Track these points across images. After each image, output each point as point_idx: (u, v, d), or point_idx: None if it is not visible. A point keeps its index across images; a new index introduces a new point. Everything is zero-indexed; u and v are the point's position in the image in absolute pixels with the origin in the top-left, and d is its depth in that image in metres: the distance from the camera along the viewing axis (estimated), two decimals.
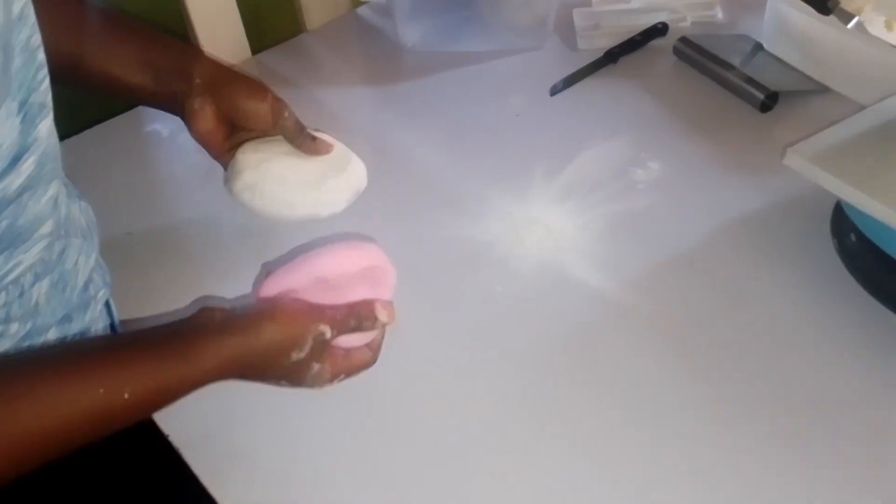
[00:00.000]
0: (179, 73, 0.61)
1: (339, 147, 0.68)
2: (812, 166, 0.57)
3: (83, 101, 0.60)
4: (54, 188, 0.53)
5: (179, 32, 0.90)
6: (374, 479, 0.52)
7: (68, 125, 0.54)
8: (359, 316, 0.49)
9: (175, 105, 0.62)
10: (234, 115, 0.62)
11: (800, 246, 0.64)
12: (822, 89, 0.79)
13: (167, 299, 0.64)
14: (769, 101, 0.77)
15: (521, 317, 0.60)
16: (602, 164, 0.73)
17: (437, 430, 0.54)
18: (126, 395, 0.44)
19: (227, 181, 0.66)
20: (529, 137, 0.79)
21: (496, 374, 0.57)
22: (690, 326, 0.59)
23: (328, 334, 0.48)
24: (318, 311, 0.49)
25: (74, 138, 0.82)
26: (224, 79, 0.62)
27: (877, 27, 0.81)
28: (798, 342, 0.57)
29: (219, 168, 0.72)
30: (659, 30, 0.90)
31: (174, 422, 0.55)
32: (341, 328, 0.49)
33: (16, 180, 0.47)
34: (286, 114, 0.61)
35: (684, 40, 0.87)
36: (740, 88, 0.79)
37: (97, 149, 0.82)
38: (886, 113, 0.62)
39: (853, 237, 0.61)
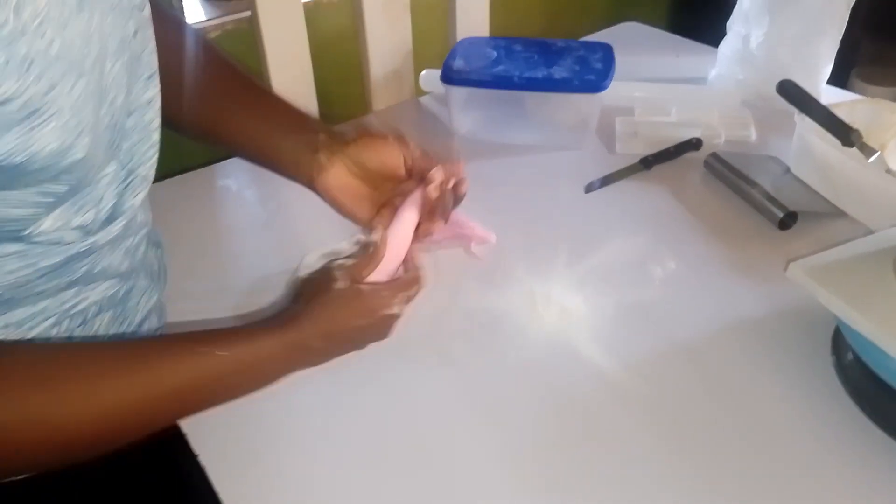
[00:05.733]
0: (306, 139, 0.62)
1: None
2: (810, 280, 0.62)
3: (171, 153, 0.67)
4: (136, 239, 0.59)
5: None
6: None
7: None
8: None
9: (301, 170, 0.63)
10: (364, 167, 0.61)
11: (800, 357, 0.67)
12: (839, 213, 0.84)
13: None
14: (788, 220, 0.83)
15: (528, 386, 0.65)
16: (623, 257, 0.79)
17: (439, 488, 0.57)
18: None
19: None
20: (560, 226, 0.85)
21: (497, 436, 0.61)
22: (685, 416, 0.62)
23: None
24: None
25: (157, 185, 0.92)
26: (347, 136, 0.62)
27: None
28: (787, 448, 0.60)
29: (275, 219, 0.78)
30: (693, 144, 0.97)
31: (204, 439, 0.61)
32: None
33: (104, 238, 0.52)
34: (415, 151, 0.62)
35: (715, 156, 0.93)
36: (762, 205, 0.85)
37: (175, 196, 0.92)
38: (890, 240, 0.66)
39: (850, 356, 0.64)
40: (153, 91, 0.55)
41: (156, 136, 0.56)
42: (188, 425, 0.61)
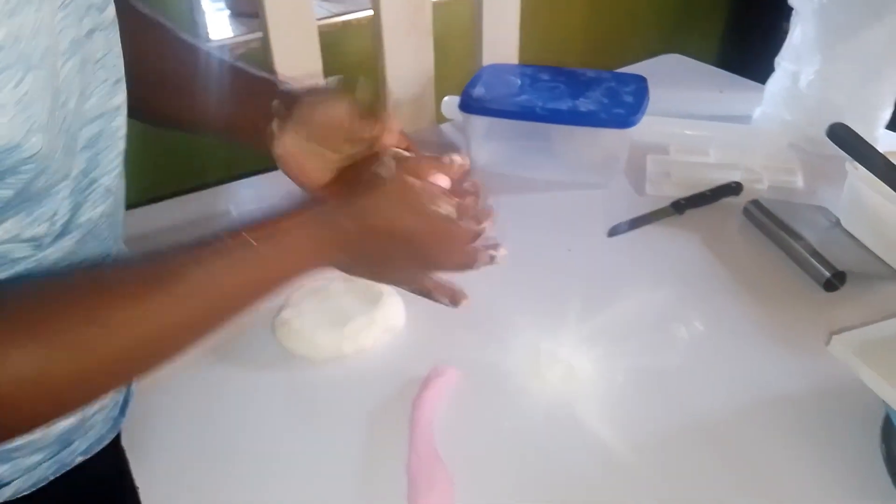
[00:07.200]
0: (262, 106, 0.59)
1: (373, 286, 0.70)
2: (854, 357, 0.53)
3: (162, 174, 0.64)
4: (94, 260, 0.54)
5: None
6: None
7: (142, 195, 0.56)
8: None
9: (260, 140, 0.59)
10: (314, 128, 0.58)
11: (844, 444, 0.58)
12: (895, 275, 0.75)
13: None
14: (835, 281, 0.73)
15: (521, 457, 0.58)
16: (643, 313, 0.71)
17: None
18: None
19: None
20: (577, 273, 0.78)
21: None
22: None
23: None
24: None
25: (147, 207, 0.88)
26: (298, 96, 0.59)
27: None
28: None
29: None
30: (732, 188, 0.88)
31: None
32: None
33: (55, 253, 0.48)
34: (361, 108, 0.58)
35: (756, 203, 0.85)
36: (806, 262, 0.76)
37: (170, 219, 0.88)
38: None
39: None
40: (121, 97, 0.51)
41: (122, 145, 0.52)
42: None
